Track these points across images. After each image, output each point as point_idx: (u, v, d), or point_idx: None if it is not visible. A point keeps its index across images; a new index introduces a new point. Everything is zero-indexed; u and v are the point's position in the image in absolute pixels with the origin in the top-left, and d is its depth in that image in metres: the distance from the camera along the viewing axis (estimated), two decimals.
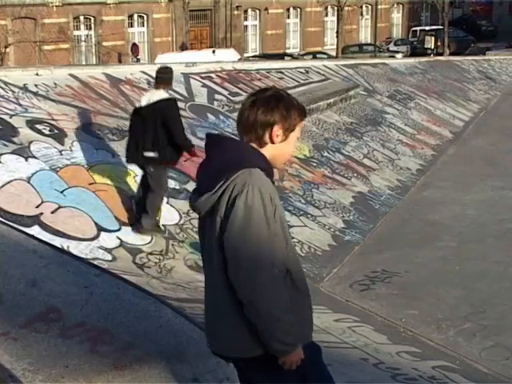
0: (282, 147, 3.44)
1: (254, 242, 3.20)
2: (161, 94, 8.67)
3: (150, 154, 8.54)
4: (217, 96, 14.91)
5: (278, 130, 3.37)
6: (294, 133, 3.43)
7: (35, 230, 7.68)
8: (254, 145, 3.38)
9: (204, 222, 3.45)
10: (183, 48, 43.65)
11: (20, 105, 10.54)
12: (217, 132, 12.03)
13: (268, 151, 3.40)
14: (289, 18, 51.81)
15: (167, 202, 9.60)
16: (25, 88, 11.20)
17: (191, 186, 10.28)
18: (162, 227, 9.01)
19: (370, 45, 49.45)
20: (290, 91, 14.30)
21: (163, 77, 8.88)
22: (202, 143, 10.35)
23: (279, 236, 3.34)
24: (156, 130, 8.52)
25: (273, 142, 3.40)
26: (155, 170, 8.68)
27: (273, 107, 3.34)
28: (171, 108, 8.69)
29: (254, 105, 3.35)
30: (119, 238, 8.37)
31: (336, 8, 42.77)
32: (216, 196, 3.27)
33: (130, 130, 8.90)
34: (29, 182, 8.52)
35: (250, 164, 3.29)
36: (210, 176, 3.31)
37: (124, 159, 9.16)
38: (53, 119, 10.45)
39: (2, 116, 9.90)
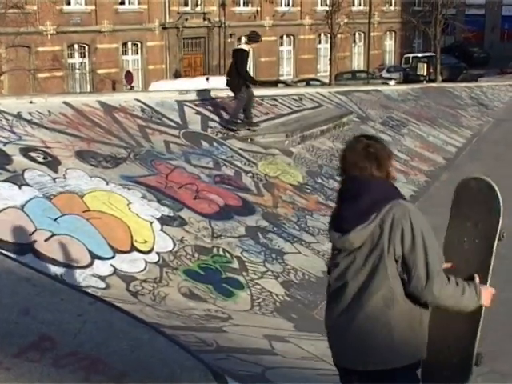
0: None
1: (436, 258, 3.69)
2: (243, 46, 15.71)
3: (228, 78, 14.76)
4: (210, 123, 14.95)
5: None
6: None
7: (28, 258, 7.64)
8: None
9: (350, 254, 3.67)
10: (177, 75, 43.81)
11: (14, 133, 10.55)
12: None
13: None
14: (282, 45, 52.09)
15: (161, 229, 9.61)
16: (19, 116, 11.22)
17: (185, 214, 10.30)
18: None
19: (362, 72, 49.64)
20: (283, 118, 14.42)
21: (252, 36, 16.07)
22: (196, 170, 10.34)
23: None
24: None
25: (388, 177, 3.89)
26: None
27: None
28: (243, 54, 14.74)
29: (384, 147, 3.86)
30: (113, 266, 8.34)
31: (329, 35, 43.02)
32: (370, 228, 3.61)
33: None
34: (22, 210, 8.50)
35: (397, 197, 3.80)
36: (359, 212, 3.64)
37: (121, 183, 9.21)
38: (46, 147, 10.46)
39: None
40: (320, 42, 53.71)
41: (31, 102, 12.09)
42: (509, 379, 7.43)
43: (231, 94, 15.10)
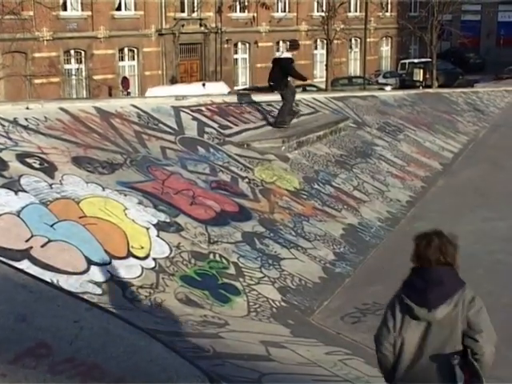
0: None
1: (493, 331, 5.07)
2: (286, 54, 17.12)
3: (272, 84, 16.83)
4: (207, 129, 14.95)
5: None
6: None
7: (25, 264, 7.63)
8: None
9: (429, 321, 4.65)
10: (173, 81, 43.83)
11: (10, 139, 10.54)
12: None
13: None
14: (278, 51, 52.11)
15: (157, 235, 9.60)
16: (15, 122, 11.21)
17: (181, 219, 10.31)
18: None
19: (359, 77, 49.68)
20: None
21: (292, 44, 17.60)
22: (193, 176, 10.34)
23: None
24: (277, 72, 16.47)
25: (455, 264, 4.87)
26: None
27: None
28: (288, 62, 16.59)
29: (453, 243, 4.84)
30: (109, 272, 8.33)
31: (325, 41, 43.09)
32: (452, 306, 4.62)
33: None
34: (18, 216, 8.49)
35: (464, 283, 4.79)
36: (445, 295, 4.63)
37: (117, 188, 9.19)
38: (43, 153, 10.45)
39: None
40: (316, 48, 53.82)
41: (27, 108, 12.08)
42: None
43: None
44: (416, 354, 4.64)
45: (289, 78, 17.10)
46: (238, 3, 48.68)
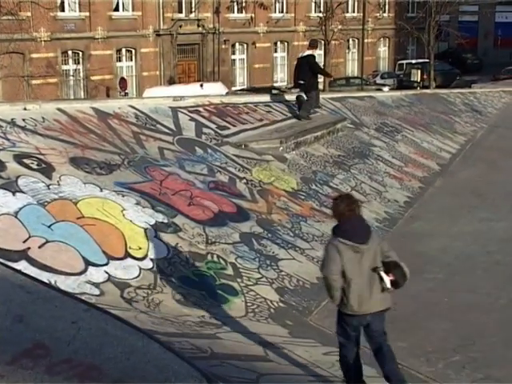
0: None
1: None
2: (308, 52, 18.00)
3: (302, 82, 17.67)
4: (205, 130, 14.95)
5: None
6: None
7: (22, 265, 7.63)
8: None
9: (362, 252, 6.34)
10: (171, 82, 43.82)
11: (8, 139, 10.54)
12: None
13: None
14: (276, 51, 52.20)
15: (155, 236, 9.60)
16: (12, 123, 11.20)
17: (179, 220, 10.31)
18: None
19: (356, 78, 49.73)
20: (277, 124, 14.53)
21: (312, 43, 18.68)
22: (191, 177, 10.35)
23: None
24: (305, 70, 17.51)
25: None
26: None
27: None
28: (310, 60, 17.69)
29: (357, 199, 6.97)
30: (107, 273, 8.33)
31: (323, 42, 43.10)
32: (372, 239, 6.48)
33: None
34: (16, 217, 8.49)
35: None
36: (368, 233, 6.51)
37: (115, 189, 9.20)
38: (40, 153, 10.44)
39: None
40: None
41: (25, 109, 12.08)
42: None
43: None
44: (357, 273, 6.28)
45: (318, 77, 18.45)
46: (235, 4, 48.67)
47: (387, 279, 6.36)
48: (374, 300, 6.32)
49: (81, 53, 41.05)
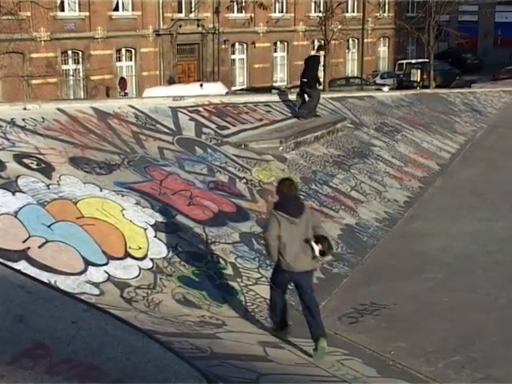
0: None
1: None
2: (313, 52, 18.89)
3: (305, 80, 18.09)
4: (204, 129, 14.95)
5: None
6: None
7: (22, 265, 7.63)
8: None
9: (295, 223, 7.83)
10: (171, 82, 43.81)
11: (7, 139, 10.54)
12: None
13: None
14: (276, 51, 52.15)
15: (155, 236, 9.61)
16: (12, 122, 11.20)
17: (179, 220, 10.31)
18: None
19: (356, 78, 49.68)
20: (277, 124, 14.58)
21: (319, 48, 19.94)
22: (190, 176, 10.39)
23: None
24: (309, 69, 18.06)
25: None
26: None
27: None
28: (317, 60, 18.50)
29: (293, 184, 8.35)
30: (107, 272, 8.33)
31: (323, 42, 43.07)
32: (304, 214, 7.96)
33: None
34: (16, 217, 8.49)
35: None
36: (301, 209, 7.99)
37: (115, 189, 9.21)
38: (40, 153, 10.44)
39: None
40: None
41: (25, 109, 12.08)
42: None
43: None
44: (291, 239, 7.81)
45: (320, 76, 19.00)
46: (235, 4, 48.64)
47: (316, 248, 7.90)
48: (304, 262, 7.90)
49: (80, 53, 41.01)
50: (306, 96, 18.63)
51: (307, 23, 49.43)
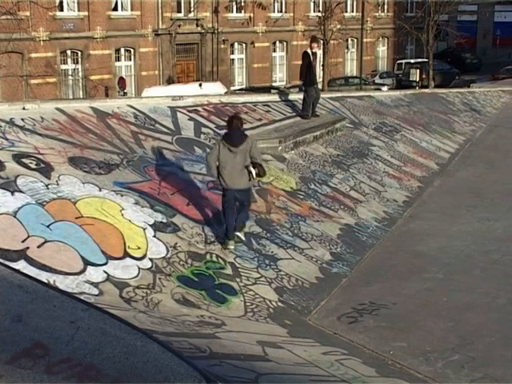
0: None
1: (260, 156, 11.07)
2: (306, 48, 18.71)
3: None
4: (203, 129, 14.96)
5: None
6: None
7: (21, 265, 7.63)
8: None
9: (233, 151, 10.04)
10: (170, 81, 43.81)
11: (6, 139, 10.54)
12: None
13: None
14: (275, 51, 52.16)
15: (154, 236, 9.60)
16: (11, 122, 11.20)
17: (178, 220, 10.32)
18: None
19: (355, 77, 49.68)
20: (276, 124, 14.69)
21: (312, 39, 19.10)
22: (190, 176, 10.41)
23: None
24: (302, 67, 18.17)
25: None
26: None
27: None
28: (304, 56, 18.20)
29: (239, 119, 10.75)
30: (106, 272, 8.33)
31: (322, 41, 43.10)
32: (244, 144, 10.16)
33: None
34: (15, 217, 8.49)
35: (248, 135, 10.70)
36: (242, 140, 10.18)
37: (114, 189, 9.20)
38: (39, 153, 10.45)
39: None
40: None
41: (24, 109, 12.08)
42: None
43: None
44: (230, 164, 10.09)
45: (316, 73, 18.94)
46: (234, 3, 48.64)
47: (253, 172, 10.27)
48: (239, 181, 10.23)
49: (80, 52, 41.02)
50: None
51: (306, 23, 49.40)
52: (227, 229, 10.47)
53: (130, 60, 43.91)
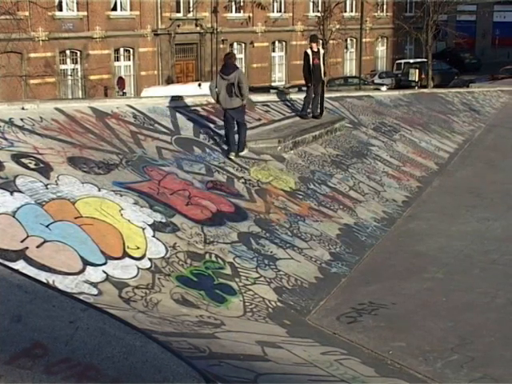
0: None
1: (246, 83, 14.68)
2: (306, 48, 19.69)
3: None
4: (203, 129, 14.96)
5: None
6: None
7: (20, 265, 7.62)
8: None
9: (225, 79, 13.81)
10: (169, 81, 43.81)
11: (5, 139, 10.53)
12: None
13: None
14: (274, 51, 52.21)
15: (153, 236, 9.60)
16: (10, 122, 11.20)
17: (177, 220, 10.31)
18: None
19: (354, 77, 49.73)
20: (275, 124, 14.70)
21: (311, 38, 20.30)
22: (189, 176, 10.43)
23: None
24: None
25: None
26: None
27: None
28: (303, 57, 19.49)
29: (232, 56, 14.96)
30: (105, 272, 8.32)
31: (321, 41, 43.10)
32: (234, 73, 13.89)
33: None
34: (14, 217, 8.48)
35: (238, 67, 14.61)
36: (232, 71, 13.87)
37: (113, 189, 9.21)
38: (38, 153, 10.44)
39: None
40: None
41: (23, 109, 12.08)
42: None
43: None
44: (223, 89, 13.70)
45: (322, 72, 19.91)
46: (233, 3, 48.66)
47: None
48: (230, 102, 13.84)
49: (79, 52, 41.04)
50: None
51: (305, 23, 49.46)
52: (229, 144, 14.14)
53: (129, 60, 43.94)
